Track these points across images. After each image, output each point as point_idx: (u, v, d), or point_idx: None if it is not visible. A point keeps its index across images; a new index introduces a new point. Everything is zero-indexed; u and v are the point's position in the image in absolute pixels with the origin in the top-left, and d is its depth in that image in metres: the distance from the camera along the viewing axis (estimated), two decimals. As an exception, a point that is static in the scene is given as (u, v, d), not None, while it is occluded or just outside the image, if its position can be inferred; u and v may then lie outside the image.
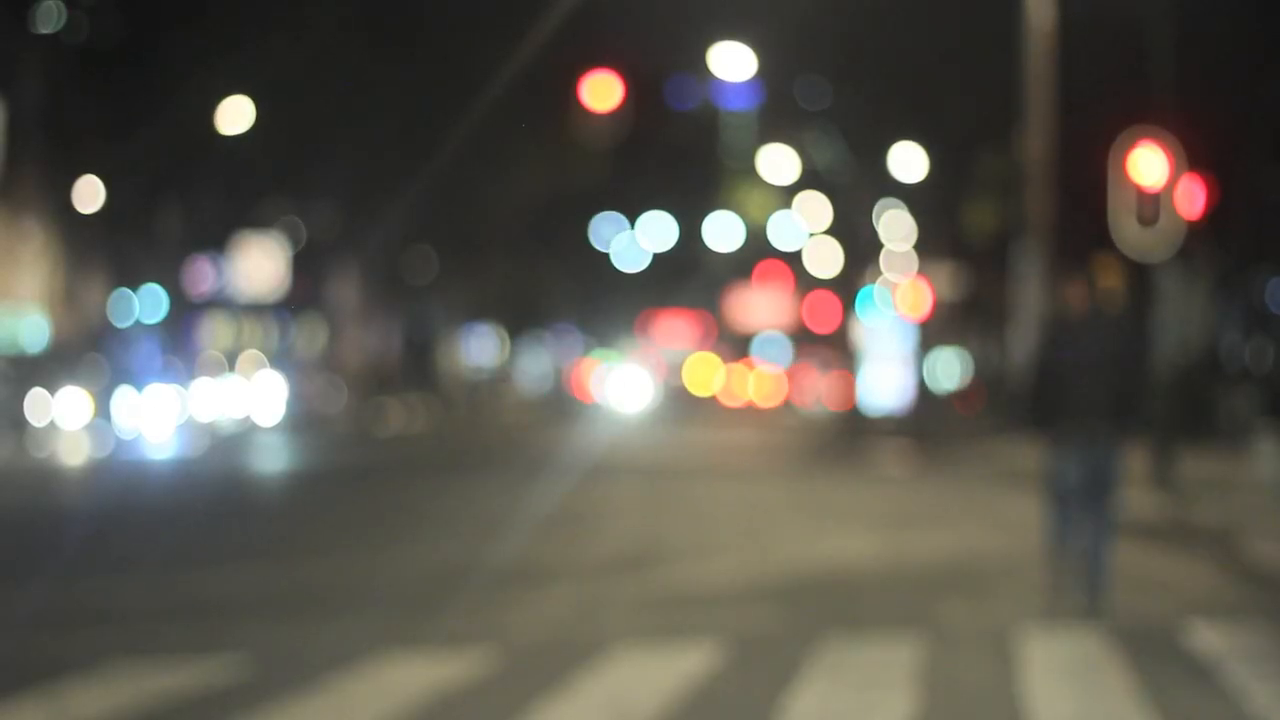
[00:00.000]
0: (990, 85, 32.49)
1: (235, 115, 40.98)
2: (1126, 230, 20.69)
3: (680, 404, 58.61)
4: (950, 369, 45.69)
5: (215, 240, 49.95)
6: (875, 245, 45.61)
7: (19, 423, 31.44)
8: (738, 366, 68.13)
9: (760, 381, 66.35)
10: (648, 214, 59.26)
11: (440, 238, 54.62)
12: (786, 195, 53.18)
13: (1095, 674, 9.03)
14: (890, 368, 42.21)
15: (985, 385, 40.50)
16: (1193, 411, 26.30)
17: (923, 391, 42.56)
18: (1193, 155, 21.01)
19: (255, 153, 44.02)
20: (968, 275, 40.59)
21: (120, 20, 42.76)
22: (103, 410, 33.18)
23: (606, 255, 61.28)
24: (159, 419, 35.13)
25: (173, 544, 15.46)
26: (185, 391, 38.48)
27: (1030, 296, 30.89)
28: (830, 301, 56.41)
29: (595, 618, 10.99)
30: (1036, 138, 30.34)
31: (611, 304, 64.95)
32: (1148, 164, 20.59)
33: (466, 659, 9.40)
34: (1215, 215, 25.39)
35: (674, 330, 68.45)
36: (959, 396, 42.58)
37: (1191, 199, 21.55)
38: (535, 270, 60.43)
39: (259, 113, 41.10)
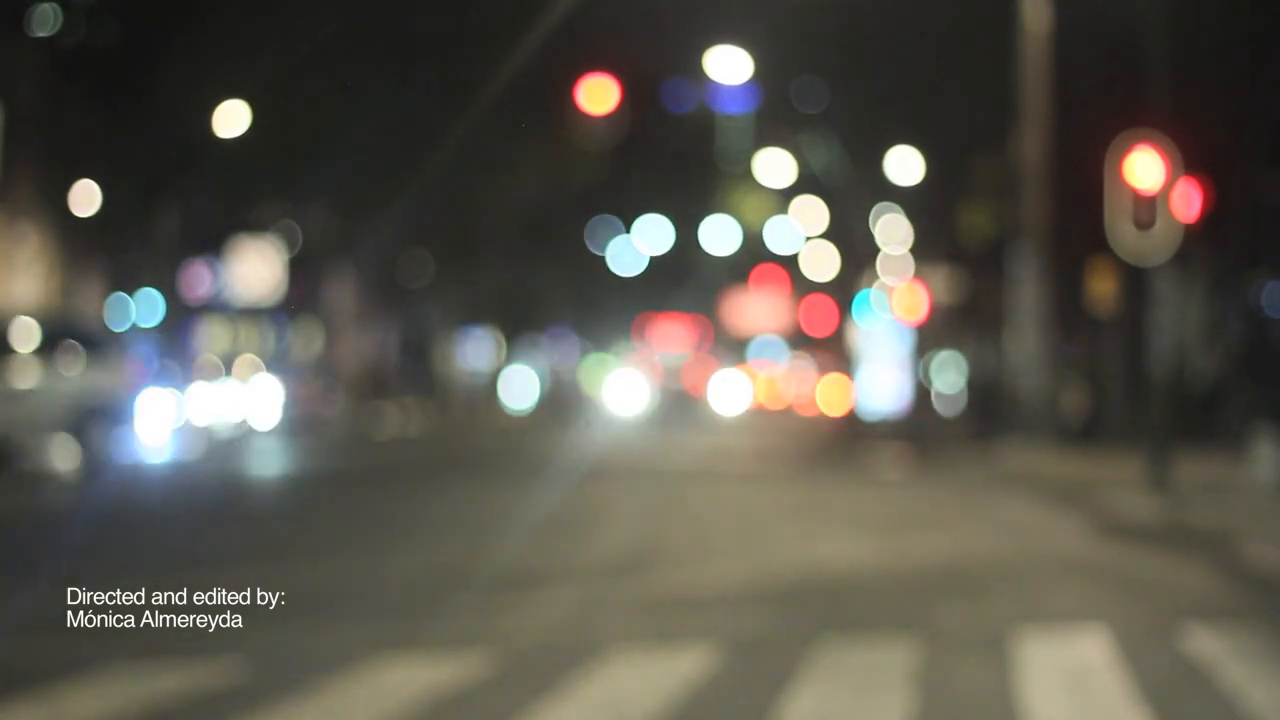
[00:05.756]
0: (987, 89, 32.52)
1: (231, 119, 40.95)
2: (1123, 234, 20.69)
3: (679, 408, 58.49)
4: (947, 372, 45.70)
5: (212, 244, 49.91)
6: (872, 249, 45.66)
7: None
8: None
9: (766, 386, 66.12)
10: (644, 217, 59.21)
11: (436, 241, 54.61)
12: (783, 199, 53.23)
13: (1092, 676, 9.03)
14: (887, 371, 42.24)
15: (979, 392, 40.47)
16: (1189, 414, 26.31)
17: (920, 395, 42.57)
18: (1189, 159, 21.01)
19: (251, 156, 43.99)
20: (964, 279, 40.60)
21: (117, 23, 42.74)
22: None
23: (603, 259, 61.26)
24: (155, 423, 35.10)
25: (169, 547, 15.45)
26: (182, 395, 38.46)
27: (1027, 299, 30.96)
28: (827, 305, 56.46)
29: (592, 620, 10.99)
30: (1033, 141, 30.41)
31: (608, 307, 64.89)
32: (1144, 167, 20.58)
33: (464, 661, 9.39)
34: (1212, 219, 25.38)
35: (670, 334, 68.40)
36: (956, 400, 42.58)
37: (1188, 202, 21.55)
38: (531, 273, 60.38)
39: (255, 116, 41.08)
